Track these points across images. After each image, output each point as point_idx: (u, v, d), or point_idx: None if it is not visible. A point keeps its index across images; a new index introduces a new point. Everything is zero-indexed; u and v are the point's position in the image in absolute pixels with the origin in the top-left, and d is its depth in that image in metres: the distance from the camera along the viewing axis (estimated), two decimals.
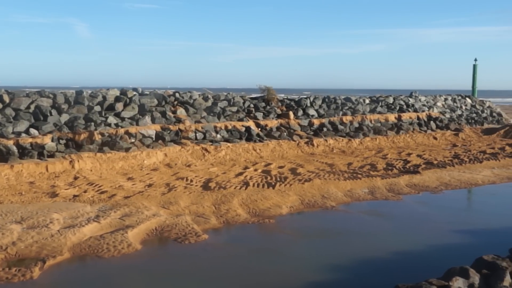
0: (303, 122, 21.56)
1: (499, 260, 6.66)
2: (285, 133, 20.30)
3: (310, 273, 7.86)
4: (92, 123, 16.03)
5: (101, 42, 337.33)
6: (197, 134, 18.02)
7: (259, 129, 19.94)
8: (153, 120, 17.61)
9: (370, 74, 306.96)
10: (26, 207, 10.60)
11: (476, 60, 35.22)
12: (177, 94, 20.18)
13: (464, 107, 30.16)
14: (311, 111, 22.47)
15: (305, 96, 24.69)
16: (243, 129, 19.35)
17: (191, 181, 13.54)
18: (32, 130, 14.99)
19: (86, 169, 14.24)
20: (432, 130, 24.91)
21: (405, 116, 25.07)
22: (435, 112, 27.17)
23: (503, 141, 23.51)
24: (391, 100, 26.69)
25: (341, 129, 21.99)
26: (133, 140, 16.23)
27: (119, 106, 17.53)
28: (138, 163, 15.40)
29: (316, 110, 22.75)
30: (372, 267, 8.19)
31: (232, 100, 21.12)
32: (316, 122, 21.89)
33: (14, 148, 13.99)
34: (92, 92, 18.06)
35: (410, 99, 27.61)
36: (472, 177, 15.37)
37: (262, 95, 22.77)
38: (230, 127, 19.17)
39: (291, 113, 21.68)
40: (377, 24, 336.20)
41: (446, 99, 30.08)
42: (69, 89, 19.36)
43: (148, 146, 16.31)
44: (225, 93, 22.03)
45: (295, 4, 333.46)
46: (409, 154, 19.23)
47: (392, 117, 24.55)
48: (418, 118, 25.49)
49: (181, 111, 19.02)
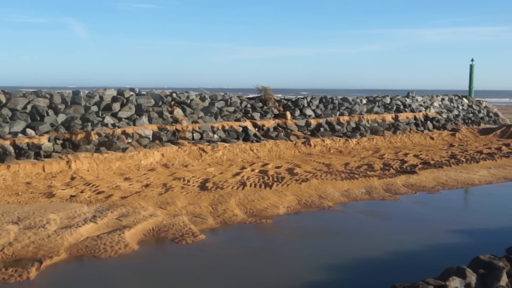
0: (300, 122, 21.58)
1: (496, 260, 6.68)
2: (282, 133, 20.31)
3: (307, 273, 7.86)
4: (89, 123, 16.01)
5: (98, 42, 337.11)
6: (194, 134, 18.01)
7: (256, 129, 19.95)
8: (150, 120, 17.60)
9: (367, 74, 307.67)
10: (23, 208, 10.58)
11: (473, 60, 35.35)
12: (174, 94, 20.17)
13: (461, 107, 30.23)
14: (308, 111, 22.49)
15: (302, 96, 24.72)
16: (240, 129, 19.36)
17: (188, 181, 13.53)
18: (29, 130, 14.96)
19: (83, 169, 14.22)
20: (429, 130, 24.97)
21: (402, 116, 25.12)
22: (432, 112, 27.23)
23: (500, 141, 23.58)
24: (388, 100, 26.75)
25: (338, 129, 22.01)
26: (130, 140, 16.21)
27: (116, 106, 17.52)
28: (135, 163, 15.39)
29: (313, 110, 22.77)
30: (369, 267, 8.19)
31: (229, 100, 21.13)
32: (313, 122, 21.91)
33: (11, 148, 13.97)
34: (89, 92, 18.03)
35: (407, 99, 27.66)
36: (469, 177, 15.40)
37: (259, 95, 22.79)
38: (227, 127, 19.17)
39: (288, 113, 21.69)
40: (374, 25, 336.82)
41: (443, 99, 30.16)
42: (66, 89, 19.32)
43: (145, 146, 16.29)
44: (222, 93, 22.03)
45: (293, 5, 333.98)
46: (406, 154, 19.27)
47: (389, 117, 24.59)
48: (415, 118, 25.55)
49: (178, 111, 19.01)
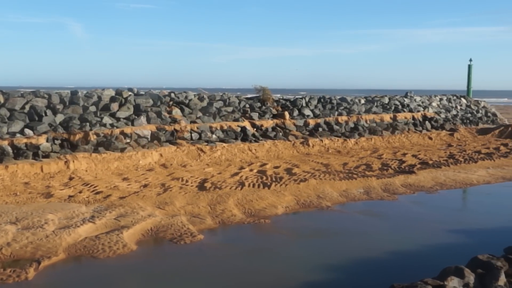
0: (299, 122, 21.58)
1: (494, 260, 6.69)
2: (281, 133, 20.31)
3: (306, 273, 7.86)
4: (87, 124, 15.99)
5: (96, 42, 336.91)
6: (193, 135, 18.00)
7: (255, 129, 19.94)
8: (149, 120, 17.58)
9: (365, 74, 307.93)
10: (21, 208, 10.56)
11: (471, 60, 35.36)
12: (173, 94, 20.16)
13: (459, 107, 30.25)
14: (307, 111, 22.49)
15: (301, 96, 24.72)
16: (239, 129, 19.35)
17: (187, 182, 13.52)
18: (27, 131, 14.94)
19: (81, 170, 14.20)
20: (427, 130, 24.98)
21: (400, 116, 25.13)
22: (430, 112, 27.25)
23: (498, 141, 23.61)
24: (386, 100, 26.77)
25: (337, 129, 22.01)
26: (129, 141, 16.19)
27: (114, 107, 17.50)
28: (134, 164, 15.37)
29: (312, 110, 22.78)
30: (368, 267, 8.20)
31: (228, 100, 21.12)
32: (312, 122, 21.91)
33: (9, 149, 13.94)
34: (87, 92, 18.01)
35: (405, 99, 27.68)
36: (467, 177, 15.42)
37: (258, 95, 22.78)
38: (226, 127, 19.16)
39: (287, 113, 21.70)
40: (372, 25, 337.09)
41: (441, 99, 30.17)
42: (64, 89, 19.29)
43: (144, 147, 16.28)
44: (221, 93, 22.03)
45: (290, 5, 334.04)
46: (404, 154, 19.28)
47: (388, 117, 24.61)
48: (413, 118, 25.57)
49: (177, 111, 19.00)
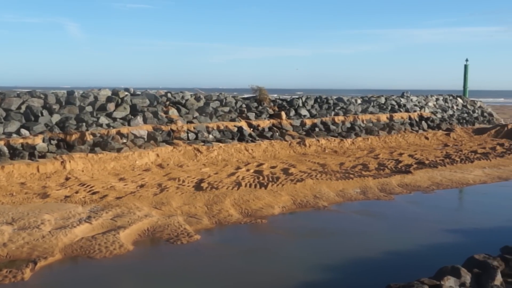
0: (295, 122, 21.59)
1: (490, 259, 6.71)
2: (277, 133, 20.31)
3: (303, 273, 7.86)
4: (84, 124, 15.96)
5: (93, 42, 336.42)
6: (189, 135, 17.99)
7: (251, 129, 19.94)
8: (145, 121, 17.55)
9: (362, 74, 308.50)
10: (17, 208, 10.53)
11: (467, 61, 35.47)
12: (169, 94, 20.13)
13: (456, 107, 30.32)
14: (303, 111, 22.51)
15: (297, 96, 24.73)
16: (235, 129, 19.34)
17: (183, 182, 13.51)
18: (23, 131, 14.90)
19: (78, 170, 14.17)
20: (424, 130, 25.03)
21: (397, 116, 25.18)
22: (427, 112, 27.31)
23: (494, 141, 23.67)
24: (383, 100, 26.81)
25: (333, 129, 22.04)
26: (125, 141, 16.17)
27: (111, 107, 17.47)
28: (130, 164, 15.35)
29: (308, 110, 22.80)
30: (364, 267, 8.21)
31: (224, 100, 21.11)
32: (308, 122, 21.93)
33: (5, 149, 13.90)
34: (84, 93, 17.96)
35: (402, 99, 27.73)
36: (464, 177, 15.45)
37: (254, 95, 22.78)
38: (222, 127, 19.15)
39: (283, 113, 21.70)
40: (369, 25, 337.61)
41: (438, 99, 30.24)
42: (60, 89, 19.23)
43: (140, 147, 16.25)
44: (217, 93, 22.01)
45: (288, 5, 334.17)
46: (401, 154, 19.31)
47: (384, 117, 24.65)
48: (410, 118, 25.62)
49: (173, 112, 18.98)
